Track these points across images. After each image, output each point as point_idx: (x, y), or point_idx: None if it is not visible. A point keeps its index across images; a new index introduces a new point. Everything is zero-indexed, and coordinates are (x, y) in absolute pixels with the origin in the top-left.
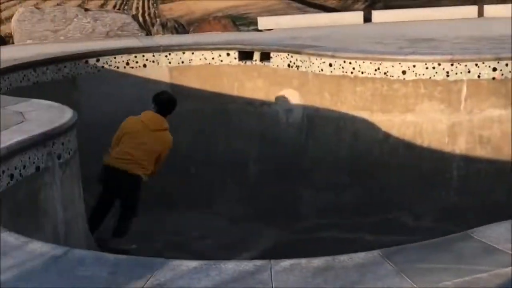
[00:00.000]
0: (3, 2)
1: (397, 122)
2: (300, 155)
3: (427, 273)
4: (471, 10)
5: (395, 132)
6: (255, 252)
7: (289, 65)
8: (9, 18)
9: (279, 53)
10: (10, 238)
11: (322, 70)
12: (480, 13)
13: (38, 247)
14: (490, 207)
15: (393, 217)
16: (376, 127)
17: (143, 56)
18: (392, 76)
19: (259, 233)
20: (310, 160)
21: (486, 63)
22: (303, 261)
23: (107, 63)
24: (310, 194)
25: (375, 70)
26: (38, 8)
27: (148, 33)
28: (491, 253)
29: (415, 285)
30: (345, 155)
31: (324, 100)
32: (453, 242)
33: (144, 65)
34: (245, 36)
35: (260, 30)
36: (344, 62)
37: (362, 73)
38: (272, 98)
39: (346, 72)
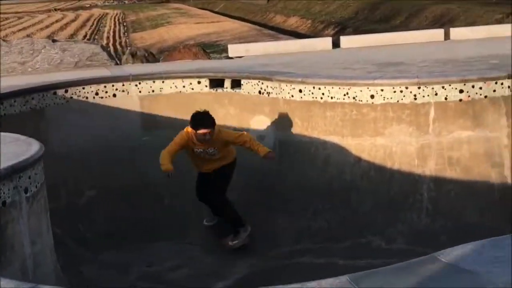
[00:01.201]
0: None
1: (367, 146)
2: (274, 181)
3: None
4: (438, 33)
5: (365, 156)
6: (230, 281)
7: (260, 92)
8: None
9: (249, 80)
10: None
11: (292, 96)
12: (447, 36)
13: (4, 284)
14: (462, 228)
15: (366, 241)
16: (347, 151)
17: (113, 86)
18: (361, 101)
19: (234, 261)
20: (283, 186)
21: (453, 85)
22: None
23: (75, 94)
24: (284, 220)
25: (344, 95)
26: (5, 41)
27: (118, 62)
28: (457, 274)
29: None
30: (317, 180)
31: (296, 126)
32: (420, 265)
33: (114, 95)
34: (215, 64)
35: (231, 58)
36: (314, 87)
37: (332, 98)
38: (244, 124)
39: (316, 98)
